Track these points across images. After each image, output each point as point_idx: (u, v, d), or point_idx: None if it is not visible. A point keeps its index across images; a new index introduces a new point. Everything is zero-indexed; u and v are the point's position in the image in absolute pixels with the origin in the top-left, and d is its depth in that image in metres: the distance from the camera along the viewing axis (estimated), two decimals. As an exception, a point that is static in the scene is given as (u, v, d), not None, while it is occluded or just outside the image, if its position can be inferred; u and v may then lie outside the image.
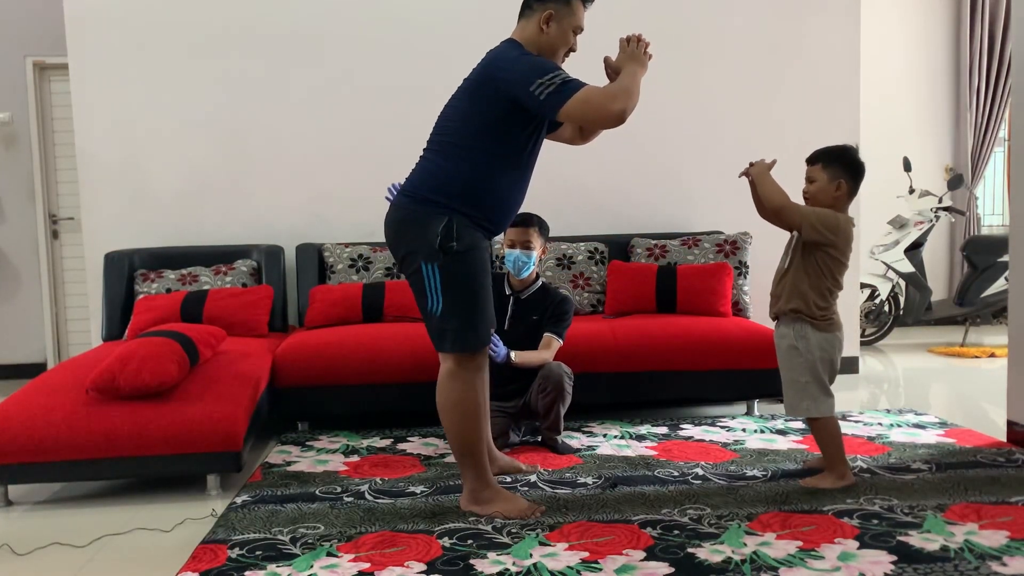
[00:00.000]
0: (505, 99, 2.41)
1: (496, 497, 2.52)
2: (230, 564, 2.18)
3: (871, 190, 5.55)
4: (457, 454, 2.54)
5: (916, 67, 6.67)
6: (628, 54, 2.52)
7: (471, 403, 2.49)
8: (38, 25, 5.23)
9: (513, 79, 2.38)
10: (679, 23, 4.66)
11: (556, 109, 2.33)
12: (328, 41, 4.53)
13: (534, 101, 2.34)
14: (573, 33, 2.58)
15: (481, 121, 2.46)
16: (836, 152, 2.75)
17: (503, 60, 2.47)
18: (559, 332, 3.28)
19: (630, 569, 2.09)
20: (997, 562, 2.08)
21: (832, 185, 2.71)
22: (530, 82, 2.34)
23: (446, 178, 2.47)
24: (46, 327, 5.45)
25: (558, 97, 2.32)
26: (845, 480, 2.70)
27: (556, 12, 2.53)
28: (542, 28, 2.53)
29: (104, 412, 2.77)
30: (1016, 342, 3.27)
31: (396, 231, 2.53)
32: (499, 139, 2.47)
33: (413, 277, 2.50)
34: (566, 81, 2.34)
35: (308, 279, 4.27)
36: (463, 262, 2.44)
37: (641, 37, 2.55)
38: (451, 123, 2.53)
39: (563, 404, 3.19)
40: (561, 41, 2.56)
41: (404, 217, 2.50)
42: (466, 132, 2.48)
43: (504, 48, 2.54)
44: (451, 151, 2.49)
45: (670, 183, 4.69)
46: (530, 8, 2.58)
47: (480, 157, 2.46)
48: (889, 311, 5.83)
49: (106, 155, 4.48)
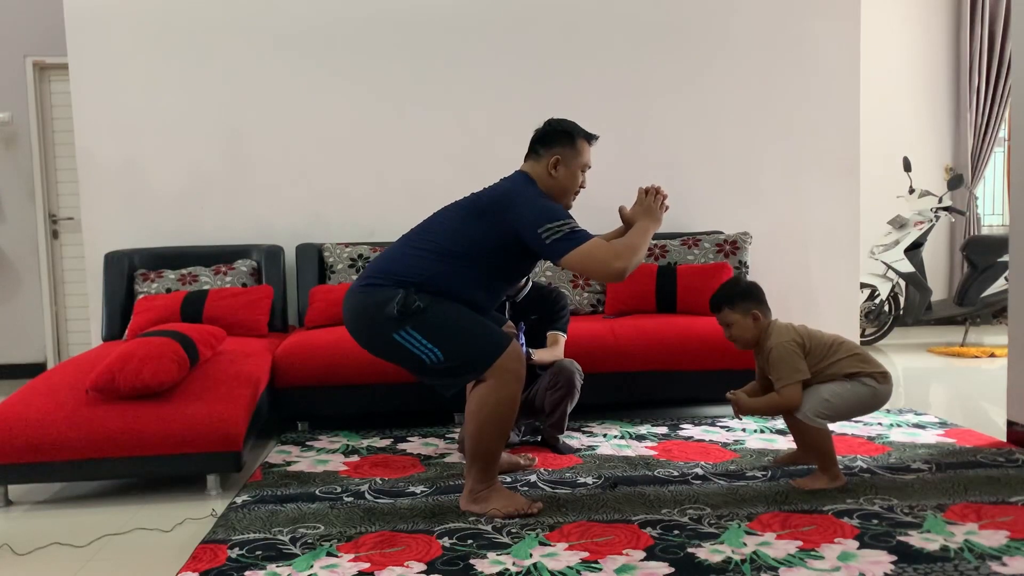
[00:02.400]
0: (509, 231, 2.44)
1: (493, 495, 2.51)
2: (230, 564, 2.18)
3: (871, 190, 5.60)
4: (471, 456, 2.53)
5: (916, 67, 6.67)
6: (644, 208, 2.56)
7: (508, 414, 2.47)
8: (38, 25, 5.24)
9: (523, 218, 2.42)
10: (679, 23, 4.66)
11: (560, 256, 2.38)
12: (328, 41, 4.53)
13: (539, 243, 2.39)
14: (581, 172, 2.63)
15: (478, 240, 2.48)
16: (732, 292, 2.80)
17: (517, 196, 2.49)
18: (562, 327, 3.30)
19: (630, 569, 2.09)
20: (997, 562, 2.08)
21: (748, 319, 2.75)
22: (539, 224, 2.38)
23: (419, 269, 2.48)
24: (46, 327, 5.45)
25: (564, 245, 2.36)
26: (838, 481, 2.71)
27: (563, 156, 2.58)
28: (551, 173, 2.57)
29: (104, 412, 2.77)
30: (1016, 342, 3.27)
31: (355, 322, 2.55)
32: (490, 259, 2.50)
33: (391, 352, 2.51)
34: (575, 231, 2.38)
35: (308, 279, 4.27)
36: (432, 311, 2.43)
37: (660, 190, 2.58)
38: (442, 231, 2.54)
39: (571, 402, 3.18)
40: (570, 182, 2.61)
41: (361, 304, 2.52)
42: (458, 244, 2.49)
43: (519, 183, 2.57)
44: (433, 251, 2.50)
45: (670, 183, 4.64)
46: (536, 153, 2.62)
47: (463, 267, 2.48)
48: (889, 311, 5.83)
49: (106, 155, 4.48)
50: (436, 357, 2.43)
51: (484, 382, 2.45)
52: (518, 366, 2.46)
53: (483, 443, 2.47)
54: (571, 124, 2.65)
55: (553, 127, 2.64)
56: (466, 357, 2.44)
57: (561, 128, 2.63)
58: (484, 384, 2.45)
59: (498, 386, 2.42)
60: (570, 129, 2.63)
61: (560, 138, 2.61)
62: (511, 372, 2.43)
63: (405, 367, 2.55)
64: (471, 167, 4.28)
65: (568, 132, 2.62)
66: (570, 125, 2.65)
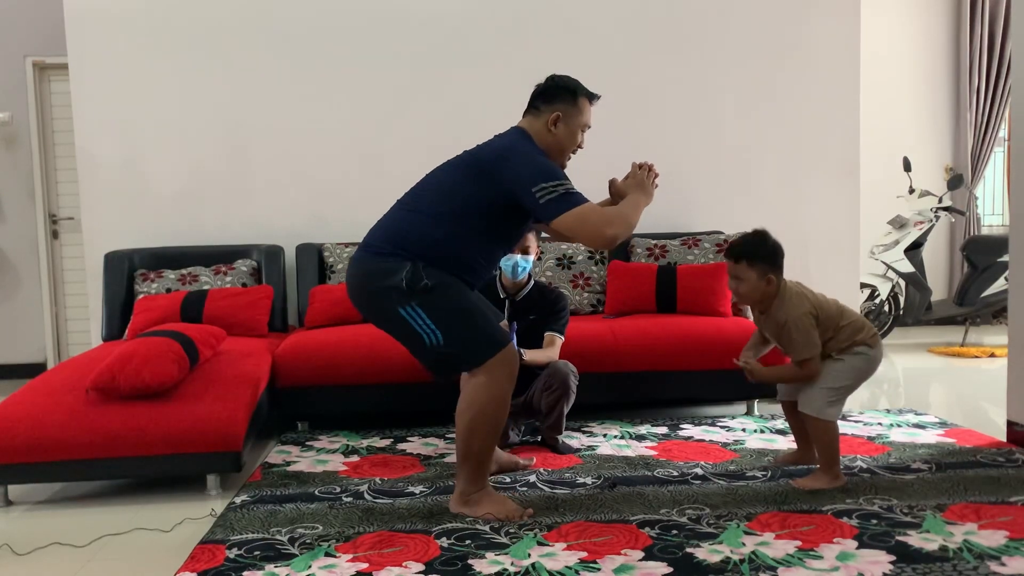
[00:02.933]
0: (503, 190, 2.41)
1: (485, 499, 2.50)
2: (228, 564, 2.18)
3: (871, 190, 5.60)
4: (461, 457, 2.51)
5: (916, 67, 6.67)
6: (636, 181, 2.54)
7: (499, 415, 2.46)
8: (38, 25, 5.23)
9: (518, 175, 2.38)
10: (680, 23, 4.66)
11: (553, 216, 2.34)
12: (329, 41, 4.53)
13: (533, 202, 2.35)
14: (581, 131, 2.60)
15: (473, 199, 2.45)
16: (756, 248, 2.73)
17: (513, 152, 2.45)
18: (559, 329, 3.30)
19: (628, 569, 2.09)
20: (996, 562, 2.08)
21: (763, 282, 2.71)
22: (534, 183, 2.34)
23: (417, 236, 2.45)
24: (46, 327, 5.46)
25: (557, 206, 2.33)
26: (839, 481, 2.71)
27: (564, 113, 2.55)
28: (550, 129, 2.54)
29: (104, 412, 2.78)
30: (1016, 342, 3.27)
31: (359, 288, 2.51)
32: (483, 219, 2.46)
33: (393, 325, 2.47)
34: (570, 192, 2.35)
35: (308, 279, 4.27)
36: (440, 291, 2.41)
37: (652, 166, 2.58)
38: (439, 190, 2.50)
39: (567, 403, 3.18)
40: (569, 141, 2.58)
41: (365, 271, 2.48)
42: (454, 202, 2.45)
43: (515, 139, 2.52)
44: (427, 215, 2.47)
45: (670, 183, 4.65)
46: (536, 108, 2.59)
47: (460, 228, 2.45)
48: (889, 311, 5.83)
49: (106, 155, 4.48)
50: (437, 339, 2.41)
51: (476, 378, 2.44)
52: (512, 366, 2.45)
53: (474, 442, 2.46)
54: (574, 81, 2.60)
55: (556, 83, 2.59)
56: (465, 346, 2.43)
57: (564, 84, 2.58)
58: (475, 381, 2.44)
59: (490, 383, 2.41)
60: (573, 86, 2.59)
61: (562, 94, 2.56)
62: (505, 371, 2.43)
63: (404, 344, 2.51)
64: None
65: (571, 88, 2.58)
66: (573, 82, 2.60)
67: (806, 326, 2.67)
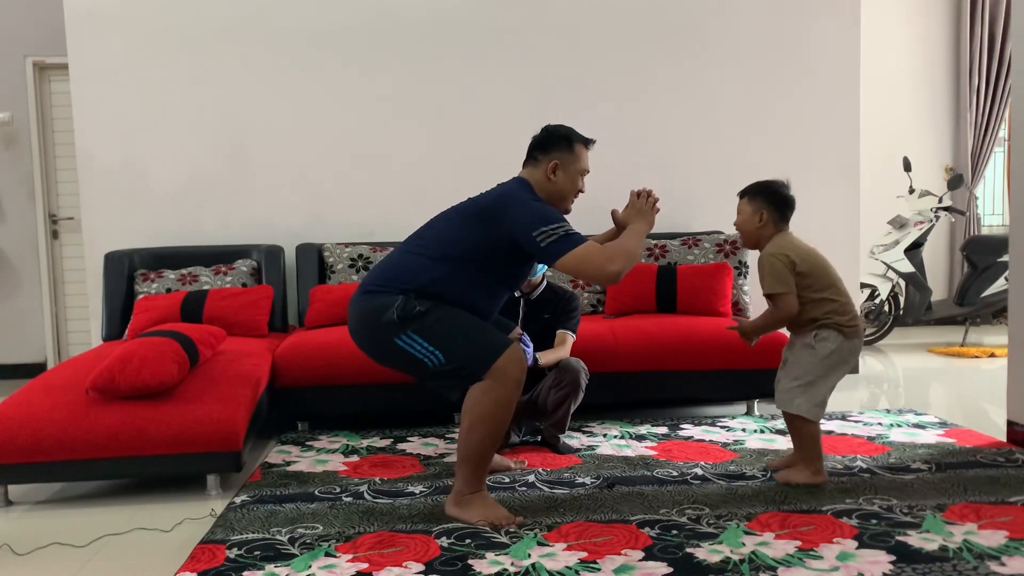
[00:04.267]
0: (504, 235, 2.45)
1: (477, 503, 2.49)
2: (228, 564, 2.18)
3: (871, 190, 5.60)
4: (461, 457, 2.51)
5: (916, 67, 6.67)
6: (636, 209, 2.58)
7: (502, 419, 2.46)
8: (38, 25, 5.23)
9: (518, 221, 2.42)
10: (680, 23, 4.66)
11: (554, 259, 2.39)
12: (328, 42, 4.54)
13: (534, 246, 2.40)
14: (580, 177, 2.64)
15: (475, 245, 2.49)
16: (759, 186, 2.82)
17: (513, 199, 2.50)
18: (572, 328, 3.32)
19: (628, 569, 2.09)
20: (996, 562, 2.08)
21: (755, 217, 2.78)
22: (534, 228, 2.39)
23: (415, 273, 2.49)
24: (46, 327, 5.46)
25: (558, 249, 2.37)
26: (819, 477, 2.72)
27: (561, 161, 2.59)
28: (549, 177, 2.59)
29: (104, 412, 2.78)
30: (1016, 342, 3.26)
31: (359, 330, 2.57)
32: (488, 264, 2.51)
33: (395, 359, 2.51)
34: (569, 234, 2.39)
35: (308, 279, 4.27)
36: (432, 313, 2.43)
37: (651, 193, 2.60)
38: (441, 236, 2.55)
39: (575, 401, 3.18)
40: (569, 187, 2.62)
41: (363, 312, 2.53)
42: (455, 248, 2.50)
43: (516, 188, 2.57)
44: (430, 256, 2.51)
45: (670, 183, 4.67)
46: (535, 159, 2.63)
47: (462, 270, 2.49)
48: (889, 311, 5.83)
49: (106, 155, 4.48)
50: (437, 359, 2.44)
51: (482, 382, 2.44)
52: (518, 370, 2.44)
53: (473, 443, 2.46)
54: (568, 129, 2.67)
55: (551, 132, 2.65)
56: (466, 358, 2.44)
57: (559, 133, 2.65)
58: (480, 384, 2.44)
59: (494, 387, 2.41)
60: (568, 134, 2.65)
61: (558, 143, 2.62)
62: (509, 375, 2.42)
63: (409, 373, 2.56)
64: (471, 167, 4.28)
65: (566, 137, 2.64)
66: (567, 130, 2.66)
67: (776, 266, 2.68)
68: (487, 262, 2.51)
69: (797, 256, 2.70)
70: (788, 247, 2.72)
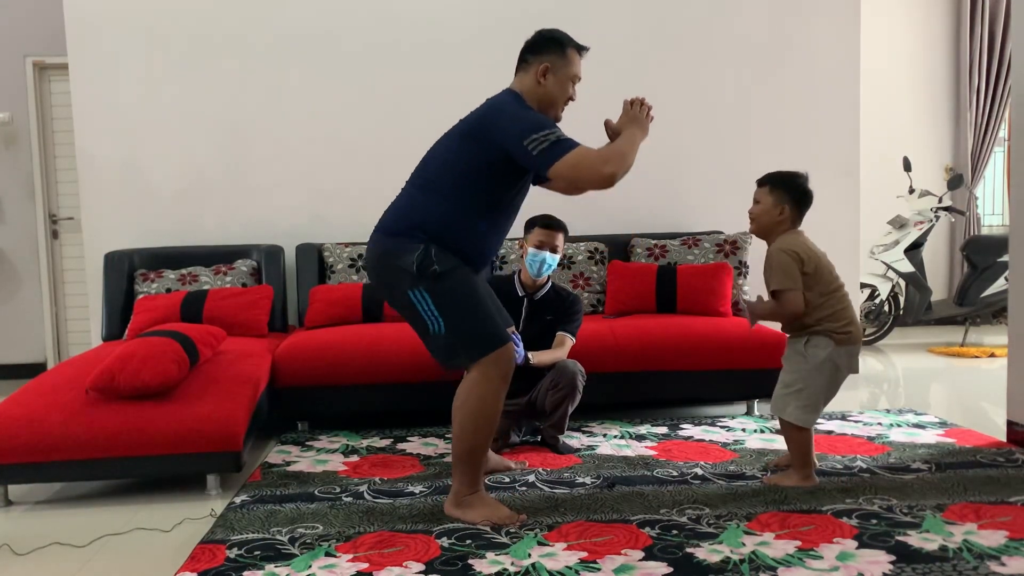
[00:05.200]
0: (497, 148, 2.41)
1: (478, 502, 2.50)
2: (228, 564, 2.18)
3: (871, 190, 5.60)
4: (457, 457, 2.52)
5: (916, 67, 6.67)
6: (630, 117, 2.54)
7: (490, 414, 2.46)
8: (38, 25, 5.23)
9: (508, 131, 2.38)
10: (680, 23, 4.66)
11: (548, 166, 2.34)
12: (328, 41, 4.53)
13: (526, 155, 2.35)
14: (571, 83, 2.59)
15: (469, 165, 2.45)
16: (784, 178, 2.78)
17: (501, 110, 2.47)
18: (572, 331, 3.31)
19: (629, 569, 2.09)
20: (996, 562, 2.08)
21: (775, 209, 2.74)
22: (524, 136, 2.34)
23: (424, 214, 2.47)
24: (46, 327, 5.46)
25: (551, 154, 2.32)
26: (809, 482, 2.71)
27: (552, 64, 2.54)
28: (539, 81, 2.54)
29: (104, 412, 2.78)
30: (1016, 342, 3.27)
31: (375, 268, 2.56)
32: (484, 185, 2.47)
33: (405, 309, 2.50)
34: (560, 139, 2.34)
35: (308, 279, 4.27)
36: (449, 279, 2.43)
37: (644, 101, 2.57)
38: (437, 163, 2.53)
39: (572, 403, 3.19)
40: (559, 92, 2.57)
41: (380, 252, 2.52)
42: (452, 174, 2.47)
43: (503, 98, 2.54)
44: (433, 190, 2.49)
45: (670, 183, 4.69)
46: (526, 61, 2.59)
47: (463, 200, 2.46)
48: (889, 311, 5.83)
49: (106, 155, 4.48)
50: (439, 327, 2.44)
51: (470, 375, 2.46)
52: (505, 368, 2.45)
53: (465, 440, 2.47)
54: (561, 33, 2.61)
55: (543, 35, 2.60)
56: (464, 339, 2.44)
57: (551, 36, 2.59)
58: (469, 377, 2.46)
59: (481, 381, 2.43)
60: (560, 38, 2.59)
61: (550, 46, 2.56)
62: (498, 371, 2.44)
63: (412, 326, 2.54)
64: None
65: (558, 40, 2.58)
66: (560, 34, 2.60)
67: (784, 261, 2.66)
68: (485, 182, 2.45)
69: (806, 255, 2.69)
70: (798, 245, 2.70)
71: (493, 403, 2.45)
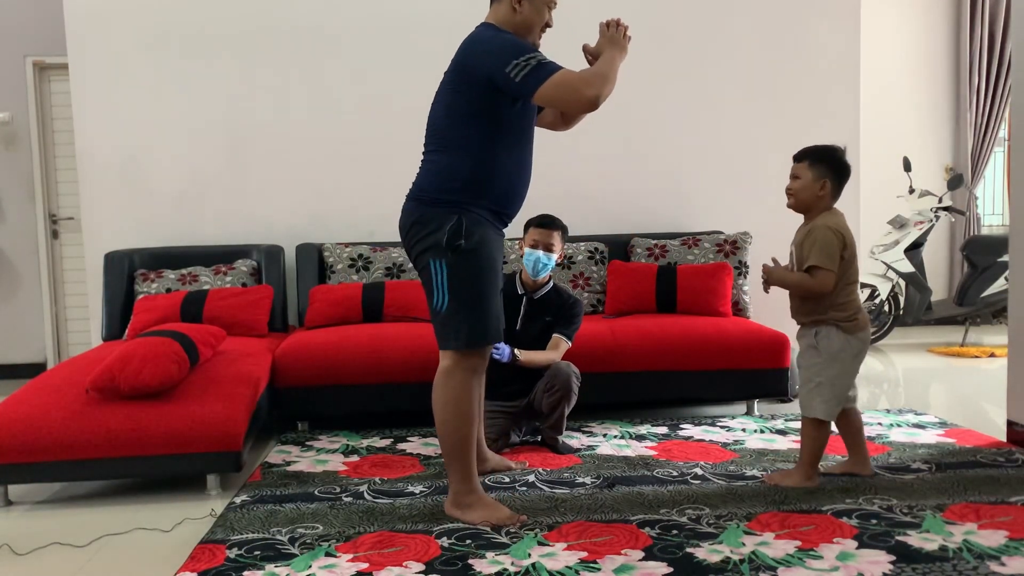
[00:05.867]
0: (484, 81, 2.39)
1: (478, 503, 2.50)
2: (228, 564, 2.18)
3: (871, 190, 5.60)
4: (444, 454, 2.53)
5: (916, 67, 6.66)
6: (608, 39, 2.51)
7: (464, 404, 2.47)
8: (38, 25, 5.23)
9: (489, 61, 2.37)
10: (679, 23, 4.66)
11: (533, 91, 2.32)
12: (328, 42, 4.53)
13: (510, 83, 2.34)
14: (547, 8, 2.57)
15: (468, 108, 2.45)
16: (824, 152, 2.73)
17: (478, 43, 2.46)
18: (568, 334, 3.29)
19: (629, 569, 2.09)
20: (996, 562, 2.08)
21: (816, 184, 2.69)
22: (506, 63, 2.33)
23: (449, 173, 2.47)
24: (46, 327, 5.45)
25: (534, 78, 2.31)
26: (811, 482, 2.71)
27: None
28: (515, 8, 2.52)
29: (104, 412, 2.78)
30: (1016, 342, 3.27)
31: (408, 234, 2.54)
32: (489, 121, 2.45)
33: (423, 274, 2.51)
34: (542, 63, 2.33)
35: (308, 279, 4.27)
36: (470, 260, 2.43)
37: (620, 21, 2.54)
38: (440, 118, 2.52)
39: (568, 404, 3.19)
40: (536, 17, 2.55)
41: (415, 220, 2.50)
42: (457, 123, 2.47)
43: (478, 31, 2.53)
44: (447, 145, 2.49)
45: (670, 183, 4.69)
46: None
47: (476, 144, 2.45)
48: (889, 311, 5.82)
49: (106, 155, 4.48)
50: (443, 301, 2.44)
51: (441, 365, 2.49)
52: (479, 362, 2.50)
53: (448, 436, 2.49)
54: None
55: None
56: (457, 321, 2.45)
57: None
58: (440, 370, 2.49)
59: (452, 370, 2.46)
60: None
61: None
62: (470, 363, 2.47)
63: (425, 293, 2.54)
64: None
65: None
66: None
67: (830, 240, 2.61)
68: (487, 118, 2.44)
69: (849, 241, 2.66)
70: (844, 228, 2.67)
71: (466, 396, 2.47)
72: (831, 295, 2.67)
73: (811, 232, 2.68)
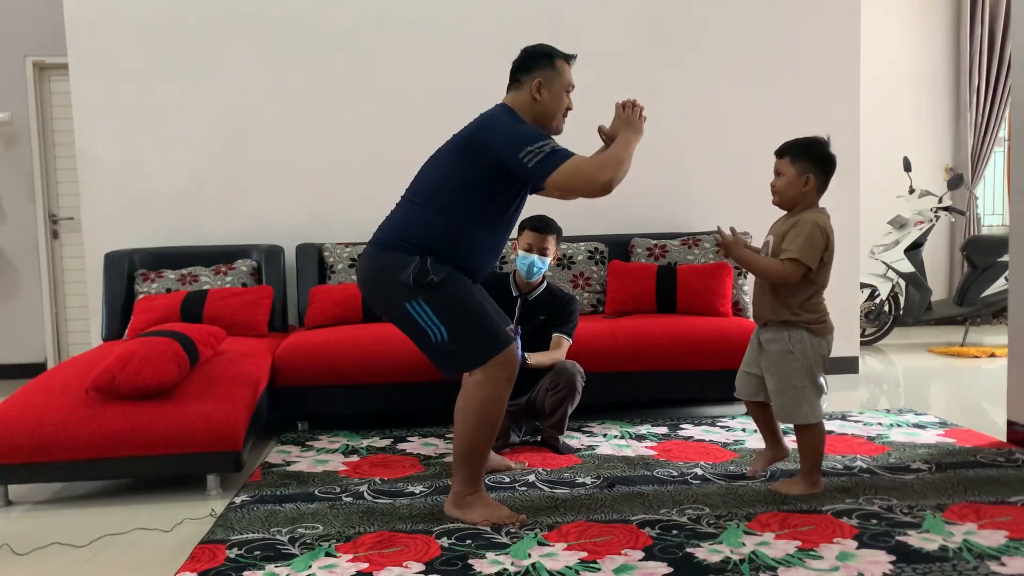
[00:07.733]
0: (492, 162, 2.41)
1: (478, 503, 2.50)
2: (228, 564, 2.18)
3: (871, 190, 5.60)
4: (458, 457, 2.52)
5: (916, 67, 6.66)
6: (623, 120, 2.53)
7: (495, 415, 2.46)
8: (38, 25, 5.23)
9: (503, 144, 2.38)
10: (679, 23, 4.67)
11: (544, 177, 2.34)
12: (329, 42, 4.53)
13: (522, 168, 2.35)
14: (566, 93, 2.59)
15: (465, 178, 2.46)
16: (805, 145, 2.63)
17: (495, 124, 2.46)
18: (568, 332, 3.30)
19: (629, 569, 2.09)
20: (996, 562, 2.08)
21: (800, 180, 2.60)
22: (519, 149, 2.34)
23: (421, 228, 2.47)
24: (46, 327, 5.46)
25: (546, 165, 2.32)
26: (816, 488, 2.66)
27: (545, 79, 2.54)
28: (535, 97, 2.54)
29: (104, 412, 2.78)
30: (1016, 342, 3.27)
31: (370, 282, 2.54)
32: (481, 198, 2.47)
33: (401, 321, 2.49)
34: (555, 150, 2.34)
35: (308, 279, 4.27)
36: (447, 287, 2.42)
37: (636, 102, 2.55)
38: (432, 178, 2.53)
39: (571, 404, 3.19)
40: (556, 105, 2.57)
41: (377, 266, 2.50)
42: (451, 189, 2.47)
43: (497, 112, 2.53)
44: (433, 204, 2.48)
45: (670, 183, 4.70)
46: (518, 81, 2.58)
47: (461, 213, 2.46)
48: (889, 311, 5.83)
49: (106, 155, 4.48)
50: (441, 336, 2.43)
51: (474, 377, 2.45)
52: (512, 369, 2.46)
53: (468, 442, 2.47)
54: (546, 46, 2.60)
55: (529, 52, 2.59)
56: (468, 344, 2.43)
57: (538, 51, 2.58)
58: (473, 379, 2.44)
59: (486, 383, 2.42)
60: (547, 51, 2.58)
61: (539, 61, 2.56)
62: (503, 372, 2.43)
63: (413, 340, 2.53)
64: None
65: (546, 54, 2.57)
66: (546, 47, 2.59)
67: (816, 237, 2.55)
68: (481, 197, 2.45)
69: (831, 244, 2.61)
70: (830, 230, 2.61)
71: (498, 405, 2.45)
72: (801, 295, 2.60)
73: (798, 224, 2.60)
